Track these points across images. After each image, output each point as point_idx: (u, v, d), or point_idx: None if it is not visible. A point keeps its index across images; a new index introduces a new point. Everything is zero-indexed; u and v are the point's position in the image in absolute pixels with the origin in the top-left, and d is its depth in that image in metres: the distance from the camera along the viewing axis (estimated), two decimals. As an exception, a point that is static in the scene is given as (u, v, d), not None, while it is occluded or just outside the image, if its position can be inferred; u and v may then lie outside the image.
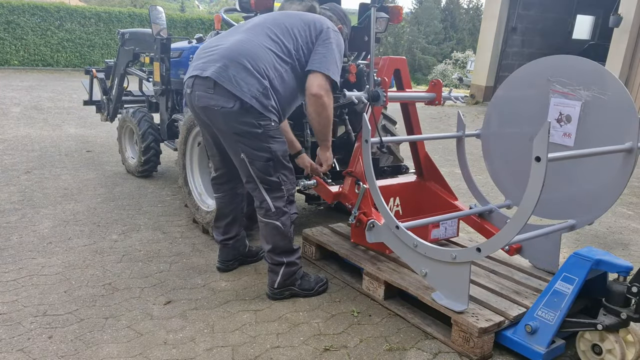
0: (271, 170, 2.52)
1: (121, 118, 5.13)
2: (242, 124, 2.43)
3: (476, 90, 13.52)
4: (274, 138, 2.50)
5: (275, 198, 2.56)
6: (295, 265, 2.68)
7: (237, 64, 2.40)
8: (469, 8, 33.30)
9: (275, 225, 2.57)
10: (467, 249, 2.25)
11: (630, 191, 5.37)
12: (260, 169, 2.51)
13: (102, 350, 2.18)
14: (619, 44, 9.95)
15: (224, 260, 2.98)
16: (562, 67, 2.53)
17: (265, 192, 2.55)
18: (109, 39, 17.25)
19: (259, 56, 2.43)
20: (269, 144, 2.48)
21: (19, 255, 3.09)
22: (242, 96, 2.37)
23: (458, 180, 4.72)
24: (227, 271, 2.98)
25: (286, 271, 2.65)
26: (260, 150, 2.48)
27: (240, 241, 3.00)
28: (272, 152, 2.49)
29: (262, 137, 2.46)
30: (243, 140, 2.47)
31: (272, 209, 2.56)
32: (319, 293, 2.75)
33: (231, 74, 2.38)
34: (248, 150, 2.48)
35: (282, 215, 2.58)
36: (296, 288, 2.70)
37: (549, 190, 2.35)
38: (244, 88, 2.38)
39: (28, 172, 4.93)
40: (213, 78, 2.38)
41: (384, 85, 2.85)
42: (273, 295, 2.69)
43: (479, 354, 2.19)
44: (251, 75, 2.40)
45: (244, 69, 2.39)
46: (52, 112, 8.54)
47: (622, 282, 2.09)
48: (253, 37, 2.49)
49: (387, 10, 3.70)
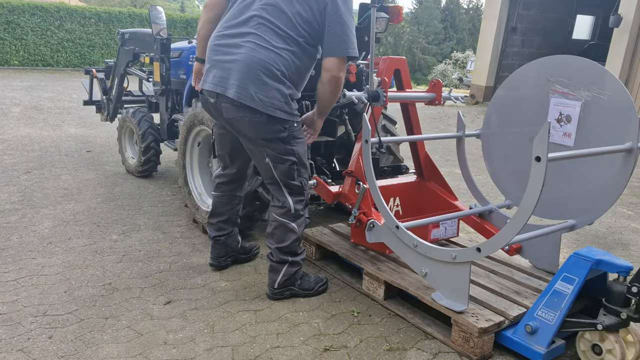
0: (295, 174, 2.57)
1: (121, 118, 5.13)
2: (269, 131, 2.48)
3: (476, 90, 13.52)
4: (297, 139, 2.57)
5: (297, 201, 2.62)
6: (298, 266, 2.69)
7: (255, 79, 2.39)
8: (469, 8, 33.30)
9: (292, 227, 2.62)
10: (467, 249, 2.25)
11: (630, 191, 5.37)
12: (283, 174, 2.56)
13: (102, 350, 2.18)
14: (619, 44, 9.95)
15: (216, 257, 3.00)
16: (562, 67, 2.53)
17: (288, 194, 2.60)
18: (109, 39, 17.26)
19: (275, 63, 2.42)
20: (293, 147, 2.54)
21: (19, 255, 3.09)
22: (266, 111, 2.41)
23: (458, 180, 4.72)
24: (220, 268, 3.00)
25: (288, 270, 2.66)
26: (285, 154, 2.53)
27: (232, 237, 3.02)
28: (296, 155, 2.55)
29: (287, 139, 2.51)
30: (270, 145, 2.51)
31: (292, 210, 2.60)
32: (319, 293, 2.76)
33: (252, 92, 2.39)
34: (273, 154, 2.52)
35: (298, 218, 2.63)
36: (296, 288, 2.71)
37: (549, 190, 2.35)
38: (267, 103, 2.41)
39: (28, 172, 4.93)
40: (236, 99, 2.41)
41: (384, 85, 2.86)
42: (273, 295, 2.69)
43: (479, 354, 2.19)
44: (271, 88, 2.41)
45: (263, 84, 2.40)
46: (52, 112, 8.54)
47: (622, 282, 2.09)
48: (262, 41, 2.43)
49: (387, 10, 3.69)
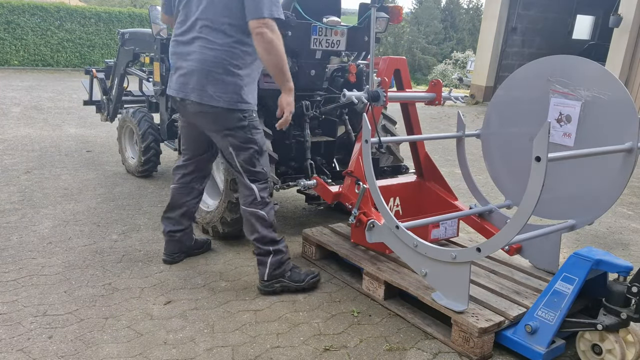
0: (256, 162, 2.70)
1: (121, 118, 5.12)
2: (231, 120, 2.63)
3: (476, 90, 13.52)
4: (257, 129, 2.70)
5: (262, 189, 2.72)
6: (282, 253, 2.74)
7: (211, 80, 2.56)
8: (469, 8, 33.28)
9: (261, 214, 2.70)
10: (467, 249, 2.25)
11: (630, 191, 5.37)
12: (246, 161, 2.68)
13: (102, 350, 2.18)
14: (619, 44, 9.94)
15: (170, 253, 3.07)
16: (562, 67, 2.53)
17: (252, 182, 2.71)
18: (109, 39, 17.24)
19: (224, 60, 2.56)
20: (254, 136, 2.68)
21: (19, 255, 3.09)
22: (226, 105, 2.58)
23: (458, 180, 4.72)
24: (172, 263, 3.06)
25: (274, 260, 2.71)
26: (247, 142, 2.66)
27: (187, 235, 3.08)
28: (257, 143, 2.68)
29: (248, 128, 2.65)
30: (232, 134, 2.65)
31: (258, 198, 2.70)
32: (310, 285, 2.79)
33: (211, 93, 2.57)
34: (235, 143, 2.66)
35: (266, 206, 2.71)
36: (286, 280, 2.75)
37: (549, 190, 2.35)
38: (226, 98, 2.57)
39: (28, 172, 4.93)
40: (197, 101, 2.60)
41: (384, 85, 2.86)
42: (264, 289, 2.73)
43: (479, 354, 2.19)
44: (228, 84, 2.57)
45: (219, 82, 2.56)
46: (52, 112, 8.54)
47: (622, 282, 2.09)
48: (209, 43, 2.56)
49: (387, 10, 3.69)
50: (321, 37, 3.39)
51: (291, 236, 3.61)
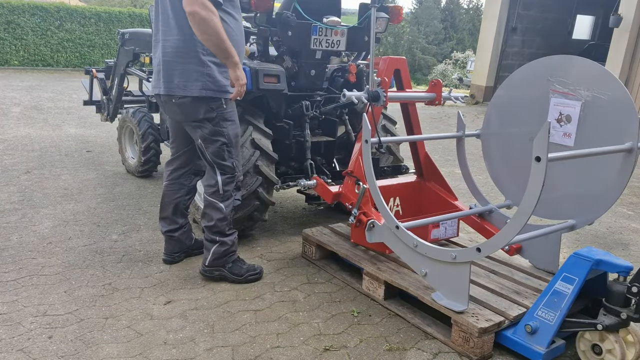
0: (225, 155, 2.72)
1: (121, 118, 5.12)
2: (197, 111, 2.64)
3: (476, 90, 13.51)
4: (228, 121, 2.70)
5: (226, 181, 2.75)
6: (226, 246, 2.80)
7: (175, 70, 2.61)
8: (469, 8, 33.26)
9: (219, 206, 2.74)
10: (467, 249, 2.25)
11: (630, 191, 5.37)
12: (214, 154, 2.71)
13: (102, 350, 2.18)
14: (619, 44, 9.94)
15: (170, 253, 3.08)
16: (562, 67, 2.53)
17: (219, 174, 2.73)
18: (109, 39, 17.23)
19: (182, 48, 2.59)
20: (223, 128, 2.68)
21: (19, 255, 3.09)
22: (193, 94, 2.59)
23: (458, 180, 4.72)
24: (172, 263, 3.06)
25: (217, 250, 2.79)
26: (215, 135, 2.68)
27: (185, 234, 3.10)
28: (225, 136, 2.69)
29: (216, 120, 2.66)
30: (200, 125, 2.67)
31: (220, 190, 2.74)
32: (248, 281, 2.85)
33: (176, 82, 2.62)
34: (203, 135, 2.68)
35: (227, 199, 2.76)
36: (226, 270, 2.82)
37: (548, 190, 2.35)
38: (193, 86, 2.59)
39: (28, 172, 4.92)
40: (167, 94, 2.66)
41: (384, 85, 2.86)
42: (203, 273, 2.86)
43: (479, 354, 2.19)
44: (191, 71, 2.59)
45: (182, 72, 2.60)
46: (52, 112, 8.53)
47: (622, 282, 2.09)
48: (167, 34, 2.63)
49: (387, 10, 3.70)
50: (321, 37, 3.39)
51: (291, 236, 3.61)
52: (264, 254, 3.26)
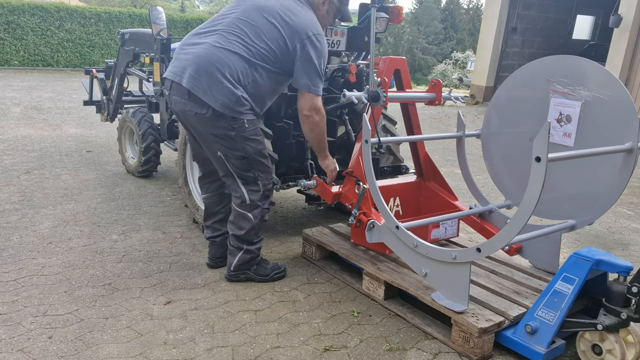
0: (247, 167, 2.67)
1: (121, 118, 5.12)
2: (216, 127, 2.57)
3: (476, 90, 13.51)
4: (249, 139, 2.62)
5: (252, 191, 2.71)
6: (253, 254, 2.81)
7: (209, 73, 2.49)
8: (469, 8, 33.28)
9: (248, 217, 2.72)
10: (467, 249, 2.25)
11: (630, 191, 5.37)
12: (237, 165, 2.67)
13: (102, 351, 2.18)
14: (619, 44, 9.94)
15: (213, 257, 3.05)
16: (562, 67, 2.53)
17: (242, 185, 2.70)
18: (109, 39, 17.23)
19: (231, 64, 2.51)
20: (244, 145, 2.61)
21: (19, 255, 3.09)
22: (214, 106, 2.49)
23: (458, 180, 4.72)
24: (215, 267, 3.03)
25: (243, 257, 2.79)
26: (235, 150, 2.62)
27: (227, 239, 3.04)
28: (246, 152, 2.63)
29: (236, 138, 2.59)
30: (219, 140, 2.61)
31: (247, 201, 2.71)
32: (274, 280, 2.87)
33: (205, 84, 2.49)
34: (224, 149, 2.63)
35: (255, 209, 2.73)
36: (251, 273, 2.83)
37: (549, 190, 2.35)
38: (218, 98, 2.51)
39: (28, 172, 4.93)
40: (187, 88, 2.50)
41: (383, 85, 2.85)
42: (229, 277, 2.84)
43: (479, 354, 2.19)
44: (224, 86, 2.49)
45: (216, 80, 2.49)
46: (52, 112, 8.53)
47: (622, 282, 2.09)
48: (224, 41, 2.53)
49: (387, 10, 3.69)
50: None
51: (291, 236, 3.61)
52: (264, 254, 3.26)
